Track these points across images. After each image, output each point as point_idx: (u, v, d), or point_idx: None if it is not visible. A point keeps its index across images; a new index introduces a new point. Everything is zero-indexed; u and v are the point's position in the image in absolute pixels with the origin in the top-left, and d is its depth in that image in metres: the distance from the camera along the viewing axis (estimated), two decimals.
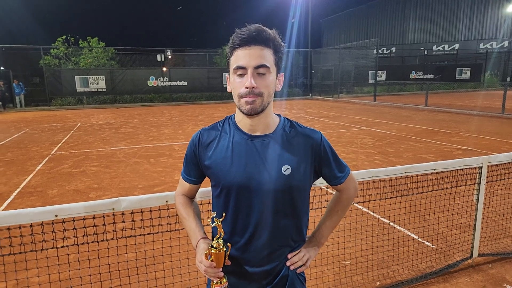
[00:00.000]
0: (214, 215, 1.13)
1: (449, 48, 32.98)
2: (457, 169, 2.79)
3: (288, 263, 1.24)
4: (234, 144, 1.16)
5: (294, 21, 31.15)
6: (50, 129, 11.66)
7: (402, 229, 3.60)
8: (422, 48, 32.89)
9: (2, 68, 19.79)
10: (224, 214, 1.15)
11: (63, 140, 9.37)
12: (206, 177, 1.29)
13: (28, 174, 6.08)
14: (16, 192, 5.17)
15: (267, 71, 1.09)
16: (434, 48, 33.34)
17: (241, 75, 1.09)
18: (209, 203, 1.60)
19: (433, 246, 3.29)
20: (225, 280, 1.14)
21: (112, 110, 18.36)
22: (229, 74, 1.15)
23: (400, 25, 39.34)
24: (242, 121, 1.18)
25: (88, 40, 22.37)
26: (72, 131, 11.00)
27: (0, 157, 7.44)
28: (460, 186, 3.13)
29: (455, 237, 3.39)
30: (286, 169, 1.14)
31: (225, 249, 1.12)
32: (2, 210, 4.48)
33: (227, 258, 1.14)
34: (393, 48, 34.46)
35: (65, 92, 20.04)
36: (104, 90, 20.71)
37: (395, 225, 3.68)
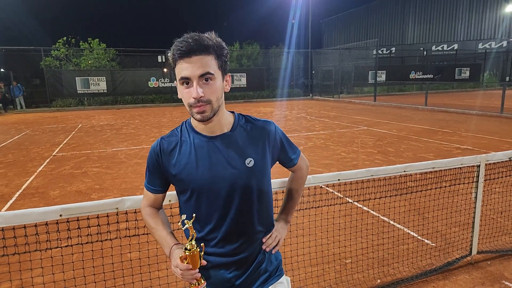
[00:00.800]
0: (184, 218, 1.13)
1: (448, 48, 33.03)
2: (455, 168, 2.82)
3: (264, 247, 1.32)
4: (196, 148, 1.20)
5: (294, 22, 31.26)
6: (51, 130, 11.70)
7: (402, 227, 3.63)
8: (421, 48, 32.93)
9: (2, 70, 19.82)
10: (194, 215, 1.16)
11: (64, 141, 9.41)
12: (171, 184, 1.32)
13: (29, 176, 6.11)
14: (17, 193, 5.20)
15: (212, 78, 1.11)
16: (433, 48, 33.38)
17: (187, 86, 1.11)
18: (176, 207, 1.62)
19: (433, 244, 3.32)
20: (202, 281, 1.17)
21: (113, 111, 18.40)
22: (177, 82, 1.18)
23: (400, 26, 39.42)
24: (198, 125, 1.21)
25: (89, 41, 22.43)
26: (73, 132, 11.04)
27: (1, 159, 7.48)
28: (459, 184, 3.16)
29: (454, 235, 3.42)
30: (250, 162, 1.21)
31: (199, 249, 1.13)
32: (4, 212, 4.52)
33: (201, 259, 1.16)
34: (393, 49, 34.50)
35: (66, 93, 20.08)
36: (105, 91, 20.76)
37: (395, 224, 3.71)
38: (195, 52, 1.07)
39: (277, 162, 1.38)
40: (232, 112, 1.29)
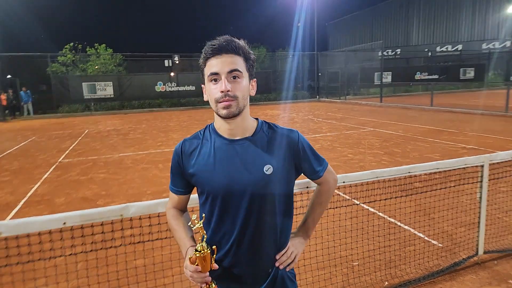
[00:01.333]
0: (194, 218, 1.12)
1: (453, 49, 32.82)
2: (460, 168, 2.80)
3: (277, 264, 1.27)
4: (216, 150, 1.20)
5: (300, 25, 31.25)
6: (57, 136, 11.78)
7: (409, 228, 3.60)
8: (426, 49, 32.78)
9: (9, 76, 20.08)
10: (204, 216, 1.17)
11: (71, 148, 9.47)
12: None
13: (35, 183, 6.11)
14: (23, 201, 5.18)
15: (240, 75, 1.15)
16: (438, 49, 33.20)
17: (215, 82, 1.15)
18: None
19: (440, 245, 3.28)
20: (214, 286, 1.14)
21: (120, 116, 18.51)
22: (204, 84, 1.22)
23: (404, 27, 39.34)
24: (221, 127, 1.22)
25: (95, 47, 22.66)
26: (80, 138, 11.11)
27: (6, 166, 7.51)
28: (464, 184, 3.13)
29: (460, 235, 3.38)
30: (268, 169, 1.18)
31: (209, 252, 1.10)
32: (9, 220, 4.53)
33: (213, 262, 1.13)
34: (398, 50, 34.40)
35: (73, 99, 20.23)
36: (112, 96, 20.89)
37: (402, 225, 3.68)
38: (226, 50, 1.13)
39: (302, 174, 1.34)
40: (256, 119, 1.29)
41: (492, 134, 9.07)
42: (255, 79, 1.25)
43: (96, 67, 22.10)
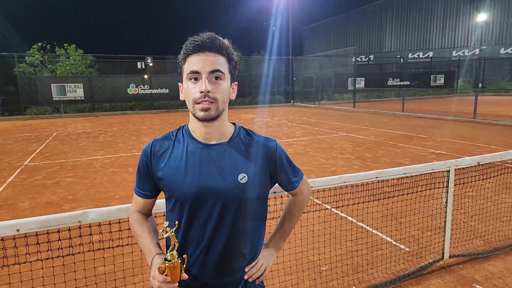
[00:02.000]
0: (167, 225, 1.07)
1: (424, 56, 34.28)
2: (427, 173, 2.87)
3: (246, 276, 1.21)
4: (188, 154, 1.14)
5: (275, 29, 31.58)
6: (23, 139, 11.28)
7: (377, 233, 3.65)
8: (398, 56, 34.01)
9: None
10: (176, 223, 1.10)
11: (37, 151, 9.08)
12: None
13: None
14: None
15: (222, 77, 1.09)
16: (410, 55, 34.57)
17: (195, 81, 1.08)
18: (163, 215, 1.57)
19: (407, 249, 3.35)
20: None
21: (91, 119, 17.97)
22: (181, 82, 1.15)
23: (378, 34, 40.61)
24: (196, 130, 1.16)
25: (65, 47, 21.92)
26: (47, 141, 10.68)
27: None
28: (432, 189, 3.21)
29: (427, 239, 3.46)
30: (243, 177, 1.13)
31: (180, 261, 1.05)
32: None
33: (183, 272, 1.07)
34: (371, 56, 35.49)
35: (41, 100, 19.45)
36: (83, 98, 20.22)
37: (371, 229, 3.73)
38: (209, 48, 1.07)
39: (276, 183, 1.30)
40: (234, 124, 1.24)
41: (461, 139, 9.45)
42: (236, 82, 1.20)
43: (67, 68, 21.33)
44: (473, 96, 14.88)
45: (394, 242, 3.47)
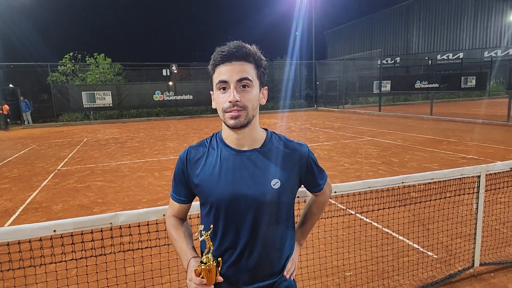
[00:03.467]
0: (202, 229, 1.10)
1: (454, 57, 33.06)
2: (457, 178, 2.79)
3: (284, 273, 1.27)
4: (222, 160, 1.17)
5: (298, 33, 31.56)
6: (56, 144, 11.83)
7: (404, 239, 3.57)
8: (426, 58, 32.96)
9: (11, 85, 20.22)
10: (212, 227, 1.14)
11: (69, 156, 9.50)
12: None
13: (33, 190, 6.16)
14: (21, 208, 5.24)
15: (250, 84, 1.11)
16: (438, 57, 33.44)
17: (224, 91, 1.11)
18: (198, 217, 1.62)
19: (435, 256, 3.25)
20: None
21: (118, 125, 18.59)
22: (212, 91, 1.18)
23: (404, 35, 39.59)
24: (229, 137, 1.19)
25: (94, 56, 22.85)
26: (78, 146, 11.15)
27: (6, 174, 7.56)
28: (462, 195, 3.11)
29: (456, 246, 3.35)
30: (276, 183, 1.16)
31: (215, 264, 1.08)
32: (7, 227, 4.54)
33: (218, 274, 1.10)
34: (398, 58, 34.61)
35: (72, 108, 20.38)
36: (111, 105, 21.00)
37: (397, 235, 3.65)
38: (236, 57, 1.09)
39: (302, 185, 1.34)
40: (266, 130, 1.26)
41: (493, 143, 9.06)
42: (266, 87, 1.21)
43: (96, 76, 22.23)
44: (507, 98, 14.21)
45: (421, 249, 3.38)
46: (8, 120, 18.38)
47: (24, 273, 2.20)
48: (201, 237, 1.08)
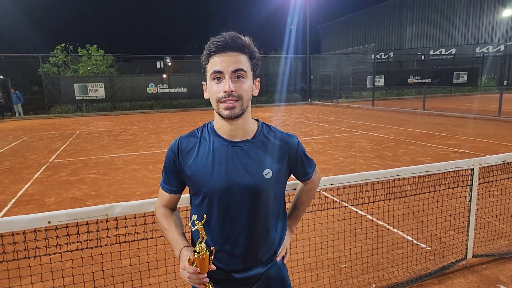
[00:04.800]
0: (195, 218, 1.10)
1: (446, 53, 33.24)
2: (449, 171, 2.81)
3: (278, 258, 1.31)
4: (215, 151, 1.17)
5: (292, 27, 31.43)
6: (48, 137, 11.67)
7: (398, 231, 3.61)
8: (419, 53, 33.15)
9: (1, 76, 19.84)
10: (205, 216, 1.14)
11: (62, 148, 9.38)
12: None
13: (25, 183, 6.08)
14: (13, 200, 5.17)
15: (244, 75, 1.12)
16: (431, 52, 33.59)
17: (218, 81, 1.11)
18: (187, 209, 1.61)
19: (428, 248, 3.30)
20: (211, 287, 1.12)
21: (112, 118, 18.40)
22: (205, 81, 1.18)
23: (398, 31, 39.72)
24: (221, 127, 1.19)
25: (87, 48, 22.51)
26: (71, 139, 11.02)
27: None
28: (455, 188, 3.15)
29: (450, 239, 3.39)
30: (268, 173, 1.18)
31: (208, 253, 1.09)
32: None
33: (211, 263, 1.12)
34: (391, 53, 34.71)
35: (64, 100, 20.09)
36: (104, 97, 20.75)
37: (391, 228, 3.69)
38: (231, 48, 1.09)
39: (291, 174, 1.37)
40: (257, 120, 1.27)
41: (485, 138, 9.17)
42: (259, 79, 1.22)
43: (88, 68, 21.91)
44: (498, 94, 14.37)
45: (415, 241, 3.42)
46: None
47: (18, 265, 2.18)
48: (193, 226, 1.09)
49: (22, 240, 1.85)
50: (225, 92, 1.08)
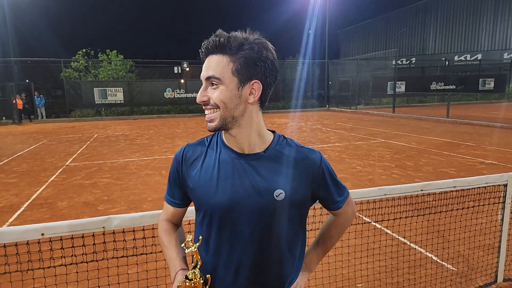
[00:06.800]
0: (189, 239, 0.96)
1: (472, 58, 32.14)
2: (480, 187, 2.56)
3: None
4: (221, 163, 1.02)
5: (311, 32, 31.20)
6: (67, 140, 11.88)
7: (421, 250, 3.34)
8: (443, 59, 32.17)
9: (27, 81, 20.51)
10: (200, 238, 1.01)
11: (78, 151, 9.50)
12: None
13: (40, 186, 6.12)
14: (26, 203, 5.19)
15: (219, 82, 0.96)
16: (456, 58, 32.58)
17: None
18: (189, 223, 1.45)
19: (454, 269, 3.02)
20: None
21: (129, 122, 18.65)
22: None
23: (420, 35, 38.77)
24: (228, 137, 1.06)
25: (107, 53, 23.03)
26: (88, 142, 11.17)
27: (15, 168, 7.57)
28: (484, 205, 2.87)
29: (478, 260, 3.11)
30: (279, 194, 0.99)
31: (202, 281, 0.95)
32: (11, 222, 4.49)
33: None
34: (413, 59, 33.87)
35: (84, 103, 20.56)
36: (122, 102, 21.12)
37: (413, 245, 3.42)
38: (210, 51, 0.97)
39: (317, 201, 1.15)
40: (273, 132, 1.10)
41: None
42: (257, 81, 0.98)
43: (108, 73, 22.40)
44: None
45: (439, 261, 3.15)
46: (23, 114, 18.67)
47: (10, 278, 2.08)
48: (187, 249, 0.95)
49: (15, 253, 1.75)
50: (197, 102, 1.01)
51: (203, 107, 1.00)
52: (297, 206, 1.04)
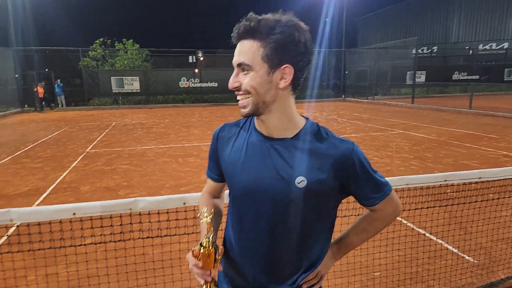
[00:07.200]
0: (205, 210, 1.01)
1: (497, 47, 30.79)
2: (505, 179, 2.50)
3: (301, 282, 1.09)
4: (249, 145, 1.05)
5: (327, 20, 30.55)
6: (87, 127, 12.17)
7: (441, 241, 3.31)
8: (467, 47, 30.97)
9: (46, 70, 20.95)
10: (213, 210, 1.05)
11: (98, 139, 9.73)
12: None
13: (64, 171, 6.33)
14: (51, 187, 5.39)
15: (249, 68, 0.96)
16: (480, 47, 31.27)
17: None
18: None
19: (475, 261, 2.99)
20: (214, 286, 1.02)
21: (145, 111, 18.89)
22: None
23: (443, 23, 37.28)
24: (258, 121, 1.06)
25: (123, 42, 23.23)
26: (107, 130, 11.41)
27: (40, 154, 7.83)
28: (508, 197, 2.81)
29: (500, 253, 3.06)
30: (301, 181, 0.97)
31: (213, 250, 0.99)
32: (38, 204, 4.68)
33: (218, 262, 1.02)
34: (435, 48, 32.74)
35: (102, 92, 20.88)
36: (138, 90, 21.35)
37: (433, 237, 3.39)
38: (239, 36, 0.97)
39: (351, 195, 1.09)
40: (306, 118, 1.07)
41: None
42: (288, 65, 0.95)
43: (125, 62, 22.62)
44: None
45: (460, 253, 3.12)
46: (44, 102, 19.14)
47: (44, 254, 2.18)
48: (202, 220, 1.01)
49: (48, 231, 1.84)
50: (229, 88, 1.00)
51: (235, 92, 1.00)
52: (319, 196, 1.00)
